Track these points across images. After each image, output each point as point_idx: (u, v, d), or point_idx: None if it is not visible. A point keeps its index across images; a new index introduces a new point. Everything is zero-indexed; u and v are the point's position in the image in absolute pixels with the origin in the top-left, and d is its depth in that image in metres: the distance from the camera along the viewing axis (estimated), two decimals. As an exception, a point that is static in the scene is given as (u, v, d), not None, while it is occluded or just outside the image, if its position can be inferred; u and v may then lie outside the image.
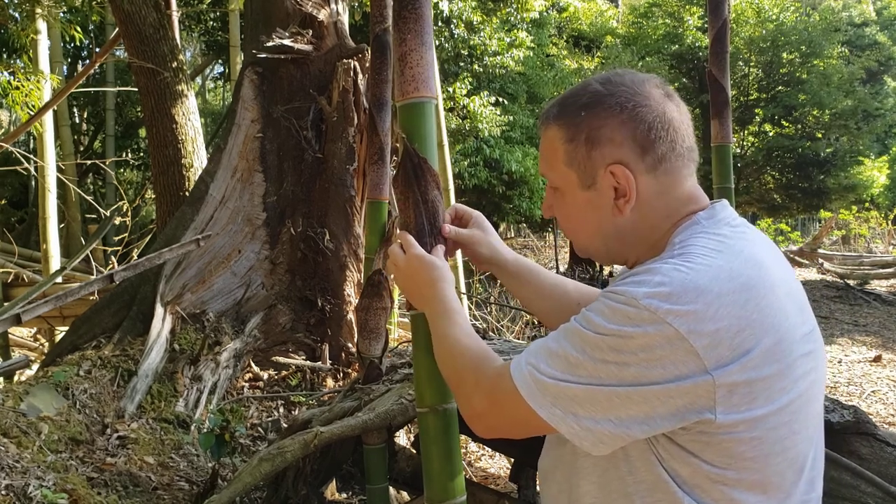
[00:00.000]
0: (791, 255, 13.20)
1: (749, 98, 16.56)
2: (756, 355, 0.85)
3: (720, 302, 0.85)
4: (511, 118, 11.25)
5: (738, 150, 16.40)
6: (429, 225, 1.19)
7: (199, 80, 17.92)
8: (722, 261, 0.89)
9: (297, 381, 3.39)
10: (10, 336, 5.61)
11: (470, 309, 5.67)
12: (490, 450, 3.55)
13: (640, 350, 0.84)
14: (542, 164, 1.07)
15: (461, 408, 1.05)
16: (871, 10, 23.42)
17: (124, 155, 12.02)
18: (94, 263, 6.38)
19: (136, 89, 5.05)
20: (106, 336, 3.33)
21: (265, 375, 3.43)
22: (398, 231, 1.21)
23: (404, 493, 2.69)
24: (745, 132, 16.98)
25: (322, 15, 3.70)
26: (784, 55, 15.74)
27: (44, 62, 6.40)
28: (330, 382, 3.41)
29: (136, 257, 6.42)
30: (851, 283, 10.10)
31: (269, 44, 3.57)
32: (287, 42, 3.59)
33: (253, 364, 3.45)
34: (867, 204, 19.61)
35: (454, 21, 10.05)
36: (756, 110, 16.53)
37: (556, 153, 1.02)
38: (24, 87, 5.57)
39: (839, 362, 6.17)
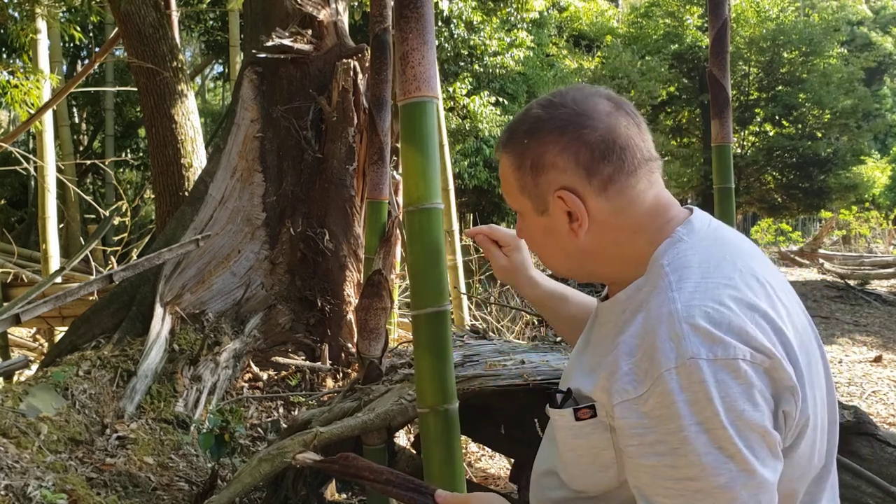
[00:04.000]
0: (791, 256, 13.20)
1: (749, 98, 16.57)
2: None
3: None
4: (511, 118, 11.25)
5: (739, 150, 16.41)
6: (415, 493, 1.08)
7: (198, 79, 17.92)
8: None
9: (297, 381, 3.38)
10: (9, 336, 5.60)
11: (470, 309, 5.66)
12: (490, 450, 3.54)
13: None
14: (503, 191, 1.07)
15: None
16: (866, 8, 23.41)
17: (124, 155, 12.02)
18: (93, 263, 6.38)
19: (135, 89, 5.05)
20: (105, 336, 3.32)
21: (265, 376, 3.42)
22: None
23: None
24: (746, 132, 16.99)
25: (322, 15, 3.69)
26: (784, 54, 15.76)
27: (43, 61, 6.39)
28: (330, 383, 3.41)
29: (135, 257, 6.42)
30: (852, 283, 10.09)
31: (269, 43, 3.57)
32: (287, 42, 3.58)
33: (252, 364, 3.45)
34: (868, 204, 19.63)
35: (454, 21, 10.05)
36: (756, 110, 16.55)
37: (510, 181, 1.01)
38: (23, 85, 5.56)
39: (840, 362, 6.16)
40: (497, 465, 3.49)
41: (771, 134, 16.86)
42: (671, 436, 0.80)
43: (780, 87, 16.04)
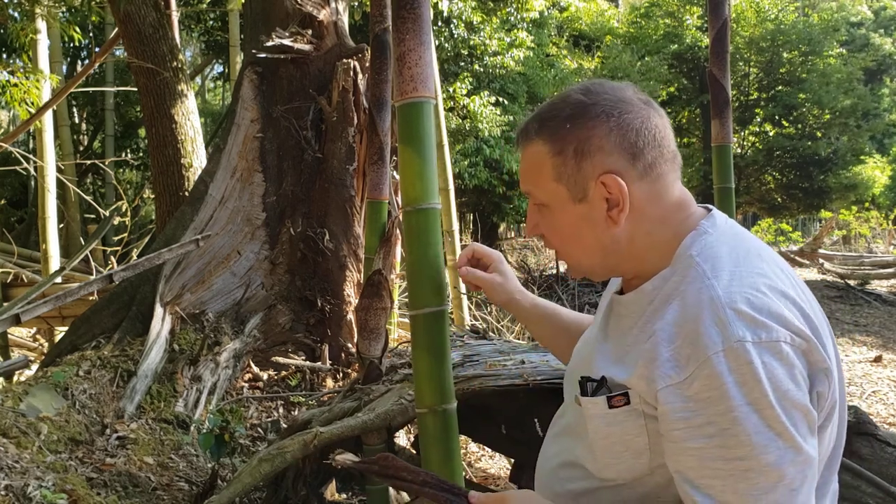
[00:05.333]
0: (792, 256, 13.18)
1: (749, 98, 16.58)
2: None
3: None
4: (511, 118, 11.26)
5: (739, 150, 16.42)
6: (450, 493, 1.09)
7: (198, 79, 17.92)
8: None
9: (297, 381, 3.38)
10: (9, 336, 5.60)
11: (470, 309, 5.66)
12: (490, 450, 3.54)
13: None
14: (526, 181, 1.04)
15: None
16: (866, 9, 23.39)
17: (124, 155, 12.02)
18: (93, 263, 6.38)
19: (135, 89, 5.05)
20: (105, 336, 3.32)
21: (265, 376, 3.42)
22: None
23: (404, 494, 2.68)
24: (746, 132, 17.00)
25: (322, 14, 3.69)
26: (784, 54, 15.77)
27: (43, 62, 6.39)
28: (330, 383, 3.41)
29: (135, 257, 6.42)
30: (852, 283, 10.08)
31: (269, 43, 3.57)
32: (287, 42, 3.58)
33: (252, 364, 3.45)
34: (868, 204, 19.62)
35: (454, 21, 10.04)
36: (756, 110, 16.56)
37: (543, 169, 1.00)
38: (23, 84, 5.56)
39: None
40: (497, 465, 3.49)
41: (771, 134, 16.87)
42: (721, 417, 0.83)
43: (779, 87, 16.05)
